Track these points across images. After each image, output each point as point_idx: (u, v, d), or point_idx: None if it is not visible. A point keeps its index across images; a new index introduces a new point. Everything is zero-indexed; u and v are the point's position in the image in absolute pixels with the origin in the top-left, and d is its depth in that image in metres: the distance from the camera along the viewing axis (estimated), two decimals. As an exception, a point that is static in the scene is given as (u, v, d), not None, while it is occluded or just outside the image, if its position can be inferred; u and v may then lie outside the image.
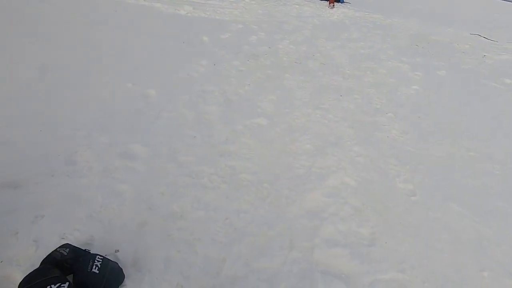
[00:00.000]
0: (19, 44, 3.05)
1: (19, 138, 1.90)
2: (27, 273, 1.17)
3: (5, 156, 1.74)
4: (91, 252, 1.28)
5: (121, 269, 1.26)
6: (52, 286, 1.06)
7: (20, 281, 1.14)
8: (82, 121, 2.16)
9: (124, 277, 1.24)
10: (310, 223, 1.68)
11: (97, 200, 1.59)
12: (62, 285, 1.08)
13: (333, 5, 8.67)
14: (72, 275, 1.17)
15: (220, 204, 1.71)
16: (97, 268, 1.18)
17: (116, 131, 2.12)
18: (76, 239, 1.36)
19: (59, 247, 1.26)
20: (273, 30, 5.38)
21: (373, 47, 5.41)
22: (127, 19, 4.71)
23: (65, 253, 1.21)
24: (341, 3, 9.44)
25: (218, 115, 2.55)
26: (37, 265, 1.21)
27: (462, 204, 2.00)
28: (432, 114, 3.18)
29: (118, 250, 1.36)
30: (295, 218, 1.69)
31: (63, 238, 1.37)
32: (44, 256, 1.23)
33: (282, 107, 2.85)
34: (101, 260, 1.21)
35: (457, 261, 1.61)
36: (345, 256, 1.52)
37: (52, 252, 1.22)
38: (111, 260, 1.26)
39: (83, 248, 1.28)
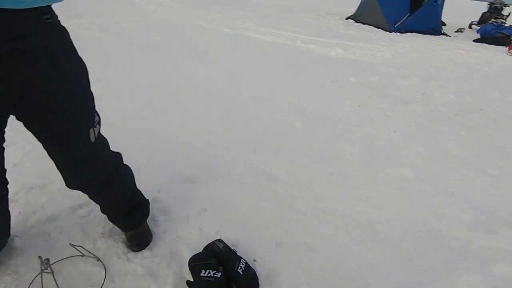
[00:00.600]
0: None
1: (201, 145, 2.46)
2: (192, 251, 1.48)
3: (191, 157, 2.29)
4: (237, 253, 1.48)
5: (258, 278, 1.39)
6: (210, 271, 1.29)
7: (186, 256, 1.46)
8: (242, 140, 2.59)
9: (259, 286, 1.37)
10: (463, 312, 1.37)
11: (244, 210, 1.85)
12: (217, 273, 1.30)
13: (516, 52, 7.12)
14: (222, 267, 1.38)
15: (351, 249, 1.65)
16: (241, 269, 1.35)
17: (266, 153, 2.42)
18: (226, 238, 1.60)
19: (216, 240, 1.52)
20: (429, 77, 4.91)
21: None
22: (284, 58, 5.40)
23: (220, 247, 1.45)
24: (528, 49, 7.63)
25: (359, 157, 2.51)
26: (199, 248, 1.50)
27: None
28: None
29: (255, 260, 1.52)
30: (442, 299, 1.42)
31: (217, 234, 1.65)
32: (204, 243, 1.52)
33: (434, 163, 2.51)
34: (245, 264, 1.39)
35: None
36: None
37: (211, 243, 1.49)
38: (251, 267, 1.42)
39: (232, 248, 1.50)
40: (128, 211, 1.44)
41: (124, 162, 1.43)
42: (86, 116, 1.07)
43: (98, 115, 1.14)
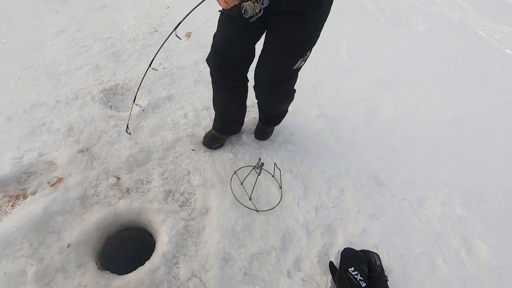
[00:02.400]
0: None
1: (409, 154, 2.22)
2: (346, 240, 1.48)
3: (391, 157, 2.12)
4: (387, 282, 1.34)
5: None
6: (358, 274, 1.25)
7: (338, 242, 1.47)
8: (455, 180, 2.11)
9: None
10: None
11: (415, 251, 1.60)
12: (363, 281, 1.24)
13: None
14: (367, 280, 1.31)
15: None
16: (384, 298, 1.23)
17: (478, 216, 1.90)
18: (383, 259, 1.47)
19: (374, 253, 1.43)
20: None
21: None
22: None
23: (377, 263, 1.35)
24: None
25: None
26: (353, 245, 1.47)
27: None
28: None
29: (399, 304, 1.34)
30: None
31: (377, 248, 1.54)
32: (361, 243, 1.47)
33: None
34: (388, 296, 1.25)
35: None
36: None
37: (370, 251, 1.42)
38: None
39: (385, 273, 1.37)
40: (275, 116, 1.80)
41: None
42: (306, 46, 1.29)
43: (309, 54, 1.33)
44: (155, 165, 1.64)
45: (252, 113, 2.09)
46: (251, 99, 1.65)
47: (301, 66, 1.38)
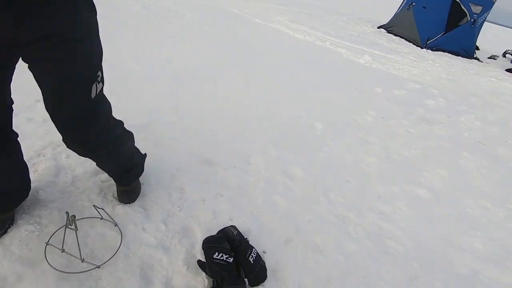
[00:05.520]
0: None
1: (220, 129, 2.47)
2: (205, 232, 1.51)
3: (210, 140, 2.31)
4: (249, 242, 1.50)
5: (266, 269, 1.41)
6: (223, 255, 1.31)
7: (199, 237, 1.49)
8: (263, 132, 2.59)
9: (266, 278, 1.39)
10: None
11: (258, 201, 1.86)
12: (229, 258, 1.31)
13: (549, 88, 6.87)
14: (233, 253, 1.40)
15: (360, 259, 1.65)
16: (252, 258, 1.37)
17: (285, 149, 2.42)
18: (239, 226, 1.62)
19: (230, 226, 1.54)
20: (456, 100, 4.80)
21: None
22: (313, 58, 5.34)
23: (234, 234, 1.47)
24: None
25: (376, 169, 2.49)
26: (211, 231, 1.53)
27: None
28: None
29: (265, 252, 1.54)
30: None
31: (231, 220, 1.67)
32: (217, 227, 1.55)
33: (452, 188, 2.47)
34: (256, 254, 1.40)
35: None
36: None
37: (226, 228, 1.51)
38: (261, 258, 1.43)
39: (245, 237, 1.52)
40: (124, 171, 1.50)
41: (128, 129, 1.45)
42: (90, 69, 1.05)
43: (102, 73, 1.11)
44: None
45: (44, 162, 1.66)
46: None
47: (101, 90, 1.13)
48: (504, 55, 10.78)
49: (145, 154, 1.68)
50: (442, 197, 2.32)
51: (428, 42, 8.66)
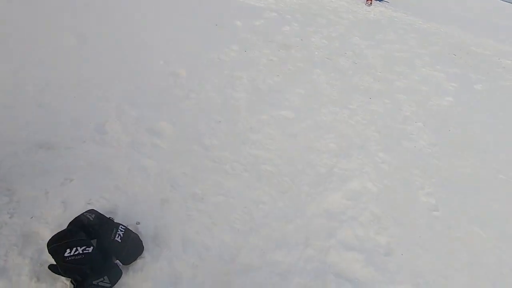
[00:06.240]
0: (59, 13, 3.11)
1: (54, 102, 1.96)
2: (55, 232, 1.22)
3: (40, 118, 1.81)
4: (115, 221, 1.32)
5: (141, 241, 1.29)
6: (78, 248, 1.10)
7: (48, 238, 1.21)
8: (114, 92, 2.20)
9: (143, 249, 1.28)
10: (328, 223, 1.66)
11: (123, 172, 1.63)
12: (87, 248, 1.12)
13: (371, 3, 8.32)
14: (95, 240, 1.21)
15: (240, 192, 1.72)
16: (119, 237, 1.21)
17: (145, 106, 2.15)
18: (101, 207, 1.40)
19: (86, 211, 1.30)
20: (307, 22, 5.24)
21: (409, 51, 5.18)
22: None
23: (91, 219, 1.25)
24: (379, 1, 9.06)
25: (245, 103, 2.54)
26: (64, 226, 1.26)
27: (486, 227, 1.92)
28: (464, 129, 3.04)
29: (139, 223, 1.40)
30: (313, 216, 1.68)
31: (89, 204, 1.41)
32: (71, 218, 1.28)
33: (310, 103, 2.79)
34: (124, 230, 1.25)
35: (475, 284, 1.56)
36: (360, 261, 1.50)
37: (79, 215, 1.26)
38: (132, 231, 1.29)
39: (108, 216, 1.32)
40: None
41: None
42: None
43: None
44: None
45: None
46: None
47: None
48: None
49: None
50: (302, 112, 2.60)
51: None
